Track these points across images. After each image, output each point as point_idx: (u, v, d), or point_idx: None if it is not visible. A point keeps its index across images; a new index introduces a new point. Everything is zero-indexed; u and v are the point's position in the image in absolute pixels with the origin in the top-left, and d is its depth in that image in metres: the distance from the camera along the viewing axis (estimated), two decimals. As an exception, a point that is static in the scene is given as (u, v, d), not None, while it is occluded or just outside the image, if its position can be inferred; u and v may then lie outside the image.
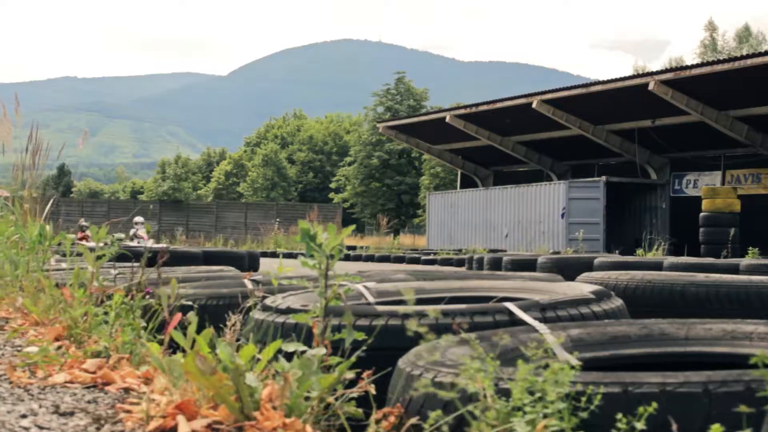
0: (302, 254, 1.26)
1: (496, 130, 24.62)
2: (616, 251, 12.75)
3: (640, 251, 11.50)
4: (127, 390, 1.49)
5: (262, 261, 10.51)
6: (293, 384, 1.13)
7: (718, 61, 17.40)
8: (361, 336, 1.26)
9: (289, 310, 1.71)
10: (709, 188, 16.72)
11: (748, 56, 16.47)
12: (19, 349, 2.00)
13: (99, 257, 2.19)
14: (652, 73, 18.70)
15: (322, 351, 1.21)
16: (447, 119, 24.61)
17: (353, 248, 21.63)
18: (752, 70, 16.06)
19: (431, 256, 15.62)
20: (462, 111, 24.76)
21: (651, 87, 18.02)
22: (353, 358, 1.22)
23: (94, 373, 1.59)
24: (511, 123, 23.58)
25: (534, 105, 21.23)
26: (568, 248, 12.07)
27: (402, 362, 1.22)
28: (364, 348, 1.30)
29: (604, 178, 20.36)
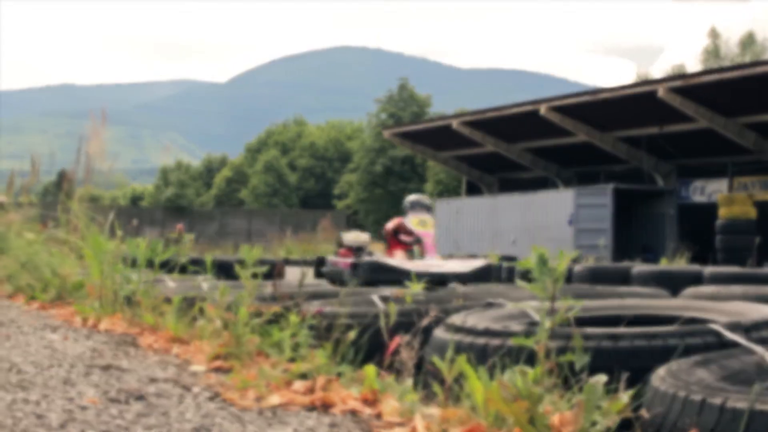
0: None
1: (502, 136, 24.72)
2: (638, 259, 12.87)
3: (664, 260, 11.61)
4: (353, 413, 1.56)
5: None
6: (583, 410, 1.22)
7: (728, 69, 17.60)
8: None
9: (488, 332, 1.76)
10: (725, 195, 16.86)
11: (757, 63, 16.67)
12: (183, 368, 2.08)
13: (255, 275, 2.27)
14: (660, 80, 18.87)
15: (603, 378, 1.30)
16: (453, 126, 24.71)
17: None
18: (762, 78, 16.23)
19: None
20: (469, 118, 24.87)
21: (660, 94, 18.17)
22: (635, 388, 1.31)
23: (304, 394, 1.67)
24: (518, 129, 23.70)
25: (542, 111, 21.35)
26: (588, 256, 12.22)
27: (665, 384, 1.29)
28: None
29: (612, 185, 20.48)
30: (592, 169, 24.34)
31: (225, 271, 5.92)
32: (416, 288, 2.39)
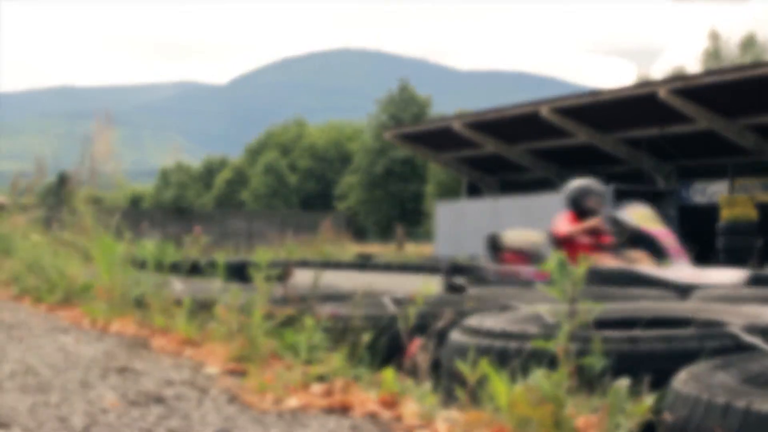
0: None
1: (503, 137, 24.76)
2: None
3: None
4: (372, 416, 1.57)
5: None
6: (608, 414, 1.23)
7: (728, 70, 17.66)
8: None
9: (506, 334, 1.76)
10: (727, 197, 16.91)
11: (758, 65, 16.73)
12: (197, 370, 2.10)
13: (268, 278, 2.28)
14: (661, 82, 18.93)
15: (627, 382, 1.32)
16: (454, 127, 24.75)
17: (368, 257, 21.54)
18: (762, 79, 16.29)
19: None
20: (469, 119, 24.92)
21: (660, 95, 18.22)
22: (658, 391, 1.32)
23: (323, 397, 1.68)
24: (519, 131, 23.74)
25: (542, 113, 21.40)
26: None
27: (688, 387, 1.29)
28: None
29: (612, 186, 20.50)
30: (593, 170, 24.32)
31: (231, 272, 5.87)
32: (429, 290, 2.41)
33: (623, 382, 1.32)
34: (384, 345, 2.07)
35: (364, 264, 18.42)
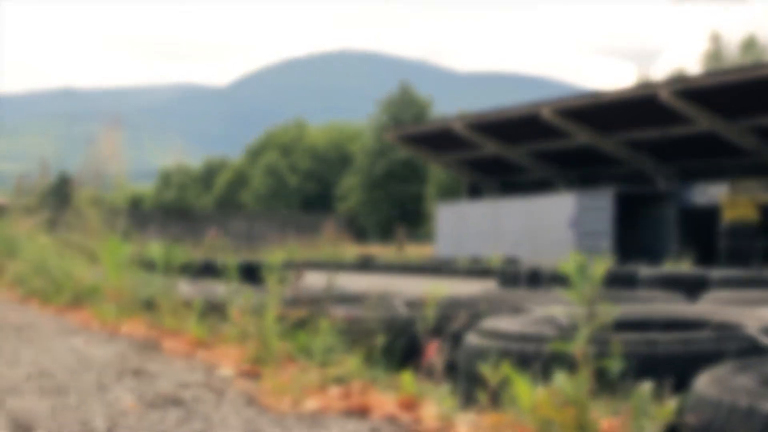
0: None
1: (504, 138, 24.77)
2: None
3: (668, 263, 11.63)
4: (391, 418, 1.57)
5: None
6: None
7: (729, 72, 17.67)
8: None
9: (522, 337, 1.76)
10: (728, 198, 16.93)
11: (758, 66, 16.76)
12: (210, 372, 2.10)
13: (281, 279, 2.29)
14: (662, 84, 18.94)
15: (650, 385, 1.32)
16: (455, 128, 24.76)
17: (369, 258, 21.56)
18: (763, 81, 16.31)
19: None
20: (471, 120, 24.92)
21: (661, 97, 18.23)
22: (677, 394, 1.33)
23: (341, 399, 1.69)
24: (520, 132, 23.75)
25: (543, 114, 21.41)
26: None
27: (710, 390, 1.30)
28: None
29: (613, 188, 20.52)
30: (594, 172, 24.36)
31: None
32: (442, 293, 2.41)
33: (646, 386, 1.33)
34: (399, 347, 2.08)
35: (365, 264, 18.44)
